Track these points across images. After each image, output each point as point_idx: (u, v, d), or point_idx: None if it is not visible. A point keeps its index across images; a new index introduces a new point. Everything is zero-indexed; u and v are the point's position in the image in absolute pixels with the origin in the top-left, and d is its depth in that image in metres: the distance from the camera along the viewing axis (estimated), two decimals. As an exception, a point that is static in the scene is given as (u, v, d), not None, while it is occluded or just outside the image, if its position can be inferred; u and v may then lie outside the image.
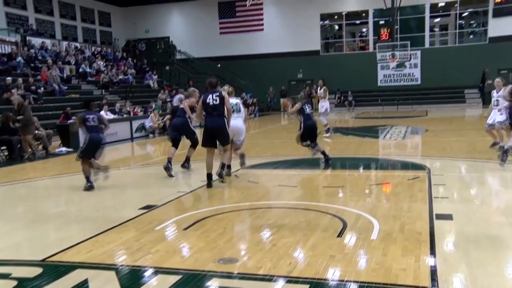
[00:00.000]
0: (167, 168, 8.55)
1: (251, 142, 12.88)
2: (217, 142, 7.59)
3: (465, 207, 5.86)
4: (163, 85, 25.73)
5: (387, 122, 18.85)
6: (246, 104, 16.97)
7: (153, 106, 19.73)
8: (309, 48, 31.37)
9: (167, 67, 29.82)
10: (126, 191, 7.88)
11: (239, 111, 8.12)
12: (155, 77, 26.77)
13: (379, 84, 30.86)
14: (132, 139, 17.13)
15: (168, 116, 18.50)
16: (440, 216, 5.33)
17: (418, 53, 30.04)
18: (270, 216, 5.81)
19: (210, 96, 7.33)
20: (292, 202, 6.41)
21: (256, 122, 22.80)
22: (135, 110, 19.45)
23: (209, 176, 7.47)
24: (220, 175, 7.52)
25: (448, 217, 5.30)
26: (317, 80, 16.21)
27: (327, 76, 29.88)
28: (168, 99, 22.31)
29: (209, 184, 7.40)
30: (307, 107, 9.44)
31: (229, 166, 8.14)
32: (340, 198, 6.74)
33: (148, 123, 17.89)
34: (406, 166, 9.31)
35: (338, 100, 30.82)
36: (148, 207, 6.31)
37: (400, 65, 30.13)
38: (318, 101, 16.21)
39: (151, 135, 17.72)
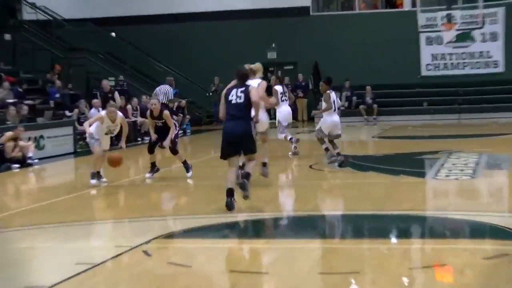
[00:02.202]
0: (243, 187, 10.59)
1: (176, 185, 13.22)
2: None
3: None
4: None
5: (441, 145, 18.52)
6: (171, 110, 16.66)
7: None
8: (289, 3, 30.07)
9: (7, 36, 28.47)
10: None
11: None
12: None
13: (423, 73, 30.06)
14: None
15: (21, 128, 18.53)
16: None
17: (500, 12, 29.06)
18: None
19: (234, 91, 10.16)
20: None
21: (187, 146, 22.23)
22: None
23: (231, 192, 9.81)
24: (242, 187, 9.78)
25: None
26: (302, 65, 17.37)
27: (323, 57, 29.25)
28: (13, 101, 21.43)
29: (230, 204, 9.55)
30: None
31: (264, 164, 12.04)
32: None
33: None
34: (481, 231, 9.10)
35: (347, 103, 29.57)
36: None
37: (464, 37, 28.88)
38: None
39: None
